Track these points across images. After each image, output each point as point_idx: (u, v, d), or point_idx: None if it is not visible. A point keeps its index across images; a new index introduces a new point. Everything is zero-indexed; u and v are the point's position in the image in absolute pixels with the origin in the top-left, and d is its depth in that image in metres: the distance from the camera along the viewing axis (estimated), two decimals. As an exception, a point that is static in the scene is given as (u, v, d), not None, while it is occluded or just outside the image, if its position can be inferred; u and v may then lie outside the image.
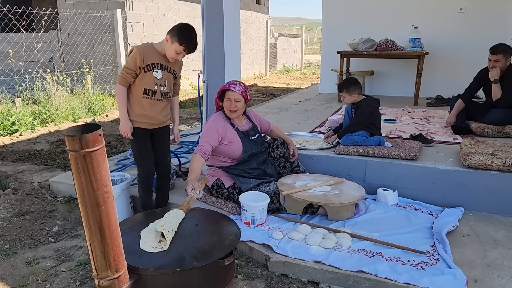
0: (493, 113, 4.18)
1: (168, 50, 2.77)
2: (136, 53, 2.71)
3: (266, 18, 16.58)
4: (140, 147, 2.93)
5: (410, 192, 3.29)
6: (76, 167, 1.54)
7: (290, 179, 3.19)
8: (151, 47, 2.81)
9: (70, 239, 2.95)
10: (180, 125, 6.96)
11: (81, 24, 9.04)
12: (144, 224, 2.23)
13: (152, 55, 2.77)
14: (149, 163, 2.97)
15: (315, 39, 32.27)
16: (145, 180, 3.01)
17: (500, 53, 4.13)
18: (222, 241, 2.12)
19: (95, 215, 1.61)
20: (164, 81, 2.85)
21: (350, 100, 3.60)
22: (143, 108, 2.82)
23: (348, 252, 2.47)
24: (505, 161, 3.00)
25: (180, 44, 2.72)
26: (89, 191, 1.57)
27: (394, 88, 7.19)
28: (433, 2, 6.82)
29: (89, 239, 1.67)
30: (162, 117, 2.96)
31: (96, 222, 1.63)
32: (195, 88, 10.40)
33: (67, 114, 6.72)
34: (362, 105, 3.58)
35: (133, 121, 2.83)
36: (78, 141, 1.48)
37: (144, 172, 2.99)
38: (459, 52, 6.70)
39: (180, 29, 2.74)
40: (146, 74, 2.76)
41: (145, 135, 2.91)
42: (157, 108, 2.89)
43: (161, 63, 2.81)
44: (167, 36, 2.74)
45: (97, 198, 1.59)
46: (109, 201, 1.63)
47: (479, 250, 2.53)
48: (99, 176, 1.56)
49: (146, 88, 2.78)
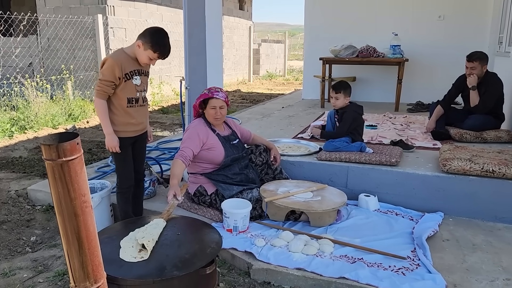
0: (471, 119, 4.26)
1: (140, 56, 2.69)
2: (113, 64, 2.60)
3: (249, 24, 16.64)
4: (124, 157, 2.83)
5: (391, 198, 3.32)
6: (53, 176, 1.50)
7: (273, 186, 3.19)
8: (125, 54, 2.71)
9: (48, 248, 2.89)
10: (162, 131, 6.91)
11: (62, 29, 8.91)
12: (124, 233, 2.20)
13: (128, 62, 2.68)
14: (131, 173, 2.89)
15: (298, 45, 32.52)
16: (126, 191, 2.92)
17: (476, 60, 4.23)
18: (203, 250, 2.10)
19: (73, 225, 1.58)
20: (143, 86, 2.81)
21: (343, 103, 3.62)
22: (130, 116, 2.75)
23: (330, 258, 2.48)
24: (483, 167, 3.05)
25: (154, 52, 2.65)
26: (67, 201, 1.54)
27: (375, 94, 7.28)
28: (413, 10, 6.95)
29: (66, 250, 1.64)
30: (146, 121, 2.94)
31: (73, 232, 1.59)
32: (177, 94, 10.34)
33: (46, 121, 6.61)
34: (348, 111, 3.61)
35: (119, 131, 2.73)
36: (55, 150, 1.45)
37: (126, 183, 2.89)
38: (438, 59, 6.84)
39: (153, 35, 2.66)
40: (127, 83, 2.68)
41: (129, 144, 2.84)
42: (142, 114, 2.86)
43: (137, 69, 2.74)
44: (139, 41, 2.65)
45: (74, 208, 1.56)
46: (87, 210, 1.60)
47: (459, 255, 2.56)
48: (77, 186, 1.53)
49: (130, 97, 2.72)
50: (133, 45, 2.71)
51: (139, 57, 2.70)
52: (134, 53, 2.71)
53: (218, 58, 3.87)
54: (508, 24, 5.55)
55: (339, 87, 3.64)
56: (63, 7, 9.18)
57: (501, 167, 3.01)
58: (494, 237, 2.81)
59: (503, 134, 4.12)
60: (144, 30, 2.70)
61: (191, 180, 3.22)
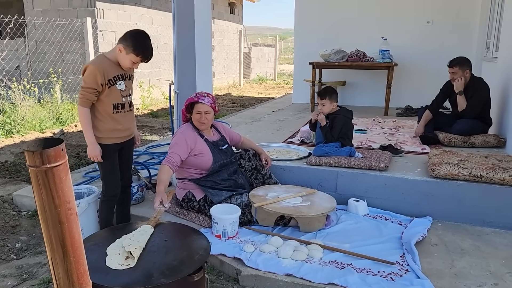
0: (459, 124, 4.30)
1: (123, 61, 2.63)
2: (95, 70, 2.54)
3: (240, 28, 16.66)
4: (110, 165, 2.77)
5: (380, 202, 3.33)
6: (37, 183, 1.47)
7: (262, 191, 3.17)
8: (106, 59, 2.65)
9: (33, 255, 2.84)
10: (152, 135, 6.86)
11: (50, 32, 8.83)
12: (110, 240, 2.16)
13: (110, 68, 2.62)
14: (117, 181, 2.83)
15: (289, 49, 32.61)
16: (112, 200, 2.86)
17: (455, 65, 4.30)
18: (191, 256, 2.07)
19: (57, 232, 1.55)
20: (128, 90, 2.75)
21: (329, 108, 3.61)
22: (117, 122, 2.70)
23: (319, 264, 2.47)
24: (471, 171, 3.07)
25: (137, 55, 2.59)
26: (51, 208, 1.51)
27: (365, 98, 7.32)
28: (401, 15, 7.01)
29: (50, 257, 1.60)
30: (133, 126, 2.89)
31: (58, 239, 1.56)
32: (167, 98, 10.29)
33: (33, 125, 6.53)
34: (338, 116, 3.60)
35: (104, 138, 2.67)
36: (39, 156, 1.42)
37: (112, 191, 2.82)
38: (427, 64, 6.90)
39: (134, 38, 2.59)
40: (111, 90, 2.62)
41: (115, 151, 2.78)
42: (129, 119, 2.81)
43: (120, 74, 2.68)
44: (120, 46, 2.58)
45: (59, 215, 1.53)
46: (72, 217, 1.57)
47: (447, 260, 2.57)
48: (62, 192, 1.50)
49: (115, 103, 2.66)
50: (114, 49, 2.64)
51: (122, 61, 2.64)
52: (116, 57, 2.64)
53: (207, 63, 3.85)
54: (495, 29, 5.63)
55: (324, 93, 3.64)
56: (51, 10, 9.10)
57: (488, 172, 3.03)
58: (482, 242, 2.82)
59: (490, 139, 4.16)
60: (125, 33, 2.63)
61: (180, 185, 3.20)
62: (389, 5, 7.06)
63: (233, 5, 16.34)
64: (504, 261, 2.56)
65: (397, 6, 7.02)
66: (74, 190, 2.98)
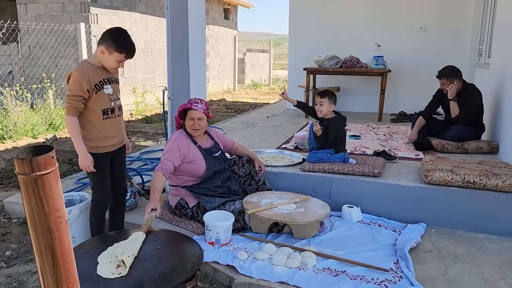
0: (452, 130, 4.32)
1: (107, 62, 2.57)
2: (79, 77, 2.47)
3: (234, 33, 16.70)
4: (101, 175, 2.71)
5: (374, 209, 3.32)
6: (26, 191, 1.45)
7: (256, 197, 3.16)
8: (89, 64, 2.59)
9: (23, 264, 2.80)
10: (145, 140, 6.83)
11: (43, 37, 8.80)
12: (101, 248, 2.14)
13: (94, 73, 2.56)
14: (109, 191, 2.78)
15: (284, 54, 32.71)
16: (102, 210, 2.81)
17: (443, 77, 4.37)
18: (184, 264, 2.05)
19: (47, 241, 1.52)
20: (116, 94, 2.71)
21: (327, 109, 3.58)
22: (108, 129, 2.65)
23: (313, 271, 2.45)
24: (464, 178, 3.08)
25: (120, 53, 2.55)
26: (40, 216, 1.48)
27: (359, 104, 7.34)
28: (395, 21, 7.06)
29: (40, 266, 1.58)
30: (124, 133, 2.85)
31: (48, 248, 1.54)
32: (161, 104, 10.27)
33: (26, 130, 6.48)
34: (334, 124, 3.59)
35: (97, 147, 2.62)
36: (28, 164, 1.40)
37: (103, 201, 2.78)
38: (420, 70, 6.94)
39: (114, 36, 2.54)
40: (98, 95, 2.57)
41: (107, 159, 2.72)
42: (119, 125, 2.77)
43: (106, 78, 2.63)
44: (101, 47, 2.53)
45: (49, 224, 1.50)
46: (62, 226, 1.55)
47: (441, 267, 2.57)
48: (51, 200, 1.48)
49: (105, 109, 2.61)
50: (96, 53, 2.59)
51: (107, 63, 2.58)
52: (99, 61, 2.59)
53: (201, 68, 3.85)
54: (487, 36, 5.68)
55: (325, 93, 3.62)
56: (45, 15, 9.07)
57: (481, 178, 3.04)
58: (476, 248, 2.82)
59: (483, 145, 4.18)
60: (102, 35, 2.58)
61: (173, 192, 3.17)
62: (383, 12, 7.10)
63: (228, 11, 16.39)
64: (497, 267, 2.56)
65: (390, 12, 7.07)
66: (66, 196, 2.97)
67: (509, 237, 2.99)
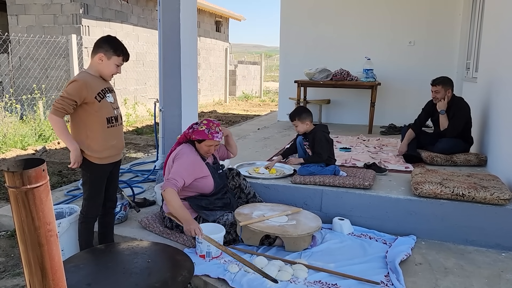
0: (441, 143, 4.37)
1: (106, 68, 2.62)
2: (82, 84, 2.51)
3: (225, 46, 16.79)
4: (99, 187, 2.71)
5: (365, 221, 3.34)
6: (17, 204, 1.44)
7: (248, 209, 3.16)
8: (90, 75, 2.62)
9: (11, 277, 2.76)
10: (136, 152, 6.80)
11: (34, 48, 8.77)
12: (91, 261, 2.12)
13: (95, 83, 2.60)
14: (100, 204, 2.77)
15: (275, 66, 32.92)
16: (92, 221, 2.79)
17: (438, 84, 4.40)
18: (174, 278, 2.04)
19: (37, 254, 1.51)
20: (116, 103, 2.75)
21: (304, 128, 3.61)
22: (112, 138, 2.66)
23: (304, 284, 2.45)
24: (453, 190, 3.11)
25: (119, 56, 2.62)
26: (30, 230, 1.47)
27: (349, 116, 7.41)
28: (384, 35, 7.18)
29: (29, 280, 1.56)
30: (123, 142, 2.87)
31: (37, 262, 1.52)
32: (152, 115, 10.27)
33: (15, 142, 6.42)
34: (317, 132, 3.60)
35: (101, 158, 2.62)
36: (19, 177, 1.39)
37: (94, 212, 2.77)
38: (410, 83, 7.05)
39: (109, 41, 2.61)
40: (102, 103, 2.60)
41: (107, 173, 2.73)
42: (121, 133, 2.79)
43: (107, 87, 2.67)
44: (99, 55, 2.58)
45: (39, 237, 1.49)
46: (52, 239, 1.54)
47: (431, 279, 2.58)
48: (42, 214, 1.47)
49: (109, 117, 2.64)
50: (94, 63, 2.63)
51: (106, 69, 2.63)
52: (97, 71, 2.64)
53: (193, 80, 3.87)
54: (475, 51, 5.79)
55: (294, 115, 3.61)
56: (36, 26, 9.06)
57: (470, 191, 3.08)
58: (465, 261, 2.85)
59: (472, 158, 4.23)
60: (95, 44, 2.62)
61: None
62: (373, 26, 7.22)
63: (219, 23, 16.50)
64: (487, 280, 2.58)
65: (380, 26, 7.19)
66: (55, 209, 2.94)
67: (498, 249, 3.03)
